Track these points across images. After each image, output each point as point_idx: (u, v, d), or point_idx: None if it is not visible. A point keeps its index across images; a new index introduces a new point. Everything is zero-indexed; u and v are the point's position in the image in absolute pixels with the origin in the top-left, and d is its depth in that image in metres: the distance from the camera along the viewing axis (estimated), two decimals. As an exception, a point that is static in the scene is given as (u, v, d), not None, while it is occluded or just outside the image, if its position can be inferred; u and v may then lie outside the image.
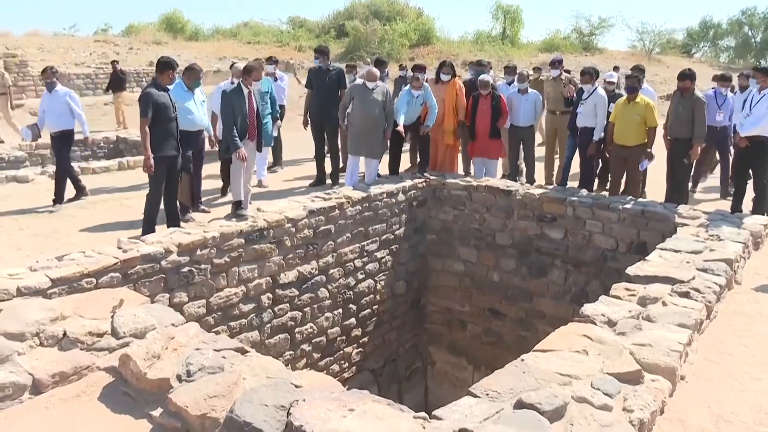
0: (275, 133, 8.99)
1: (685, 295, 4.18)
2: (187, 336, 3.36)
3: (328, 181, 9.17)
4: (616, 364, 3.10)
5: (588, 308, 3.88)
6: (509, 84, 9.89)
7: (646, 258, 5.05)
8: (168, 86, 6.41)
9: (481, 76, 8.64)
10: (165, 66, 6.27)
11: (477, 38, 30.95)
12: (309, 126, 9.48)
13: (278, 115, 9.00)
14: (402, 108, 8.08)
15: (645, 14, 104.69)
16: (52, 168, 10.42)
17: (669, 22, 63.42)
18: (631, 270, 4.73)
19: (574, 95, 8.43)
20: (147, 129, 6.16)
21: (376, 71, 8.16)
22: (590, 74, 8.13)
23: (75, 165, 10.34)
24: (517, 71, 9.83)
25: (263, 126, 7.97)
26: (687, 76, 7.27)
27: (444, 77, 8.68)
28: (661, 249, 5.28)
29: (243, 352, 3.27)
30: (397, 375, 8.54)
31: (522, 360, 3.10)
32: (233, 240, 6.06)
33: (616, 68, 13.97)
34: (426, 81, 8.64)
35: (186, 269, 5.68)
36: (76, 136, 8.45)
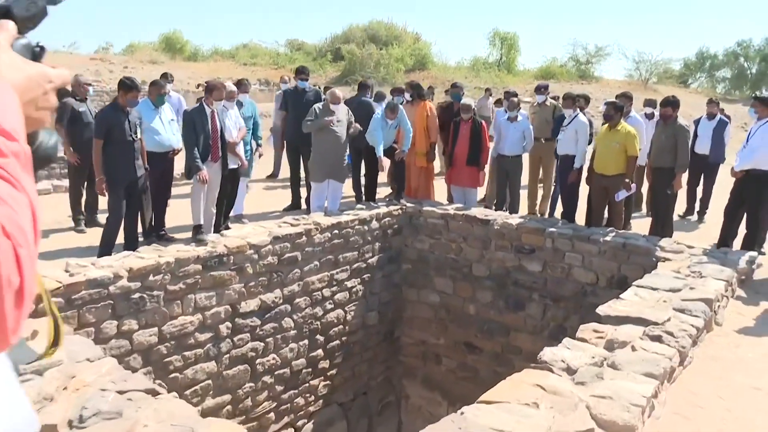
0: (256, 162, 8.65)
1: (657, 339, 3.86)
2: (97, 373, 3.03)
3: (304, 205, 8.87)
4: (568, 421, 2.77)
5: (547, 353, 3.55)
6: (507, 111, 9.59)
7: (620, 296, 4.73)
8: (129, 107, 6.13)
9: (463, 100, 8.34)
10: (120, 85, 6.04)
11: (473, 64, 30.87)
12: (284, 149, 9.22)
13: (260, 143, 8.69)
14: (378, 136, 7.79)
15: (642, 44, 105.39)
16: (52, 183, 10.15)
17: (665, 52, 63.50)
18: (601, 309, 4.41)
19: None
20: (99, 150, 5.92)
21: (340, 93, 7.93)
22: (572, 99, 7.86)
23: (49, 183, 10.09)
24: (513, 98, 9.46)
25: (245, 155, 7.70)
26: (669, 103, 7.00)
27: (407, 96, 8.50)
28: (637, 286, 4.96)
29: (154, 393, 2.93)
30: (368, 409, 8.16)
31: (462, 413, 2.76)
32: (189, 266, 5.74)
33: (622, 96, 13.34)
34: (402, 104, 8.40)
35: (137, 295, 5.36)
36: None
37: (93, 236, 7.11)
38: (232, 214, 7.84)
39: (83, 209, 7.64)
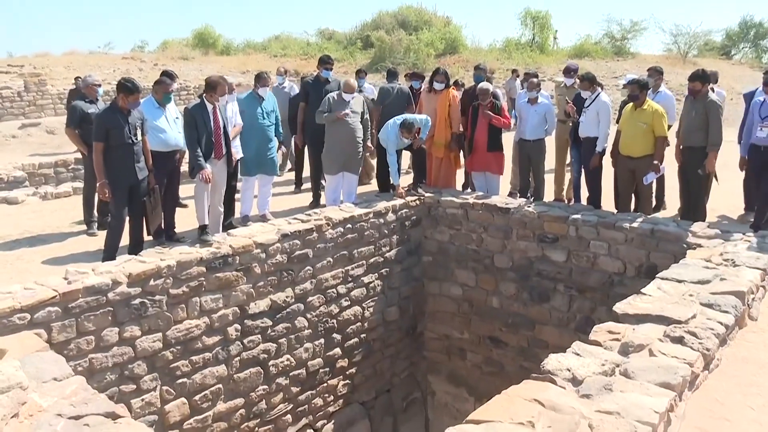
0: (280, 159, 8.27)
1: (679, 340, 3.49)
2: (60, 395, 2.83)
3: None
4: (565, 444, 2.46)
5: (552, 360, 3.22)
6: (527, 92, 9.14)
7: (642, 291, 4.35)
8: (129, 108, 5.91)
9: (480, 84, 7.93)
10: (120, 88, 5.83)
11: (506, 46, 30.12)
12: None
13: (283, 139, 8.24)
14: (393, 161, 7.60)
15: (680, 16, 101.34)
16: (47, 188, 10.17)
17: (705, 24, 60.74)
18: (619, 307, 4.05)
19: (576, 115, 7.61)
20: (100, 153, 5.76)
21: (354, 82, 7.63)
22: (590, 80, 7.40)
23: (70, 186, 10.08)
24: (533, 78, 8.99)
25: (268, 152, 7.48)
26: (698, 77, 6.47)
27: (437, 86, 8.03)
28: (662, 279, 4.57)
29: (114, 417, 2.72)
30: (392, 407, 7.92)
31: (445, 437, 2.48)
32: (192, 268, 5.57)
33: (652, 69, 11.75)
34: (419, 90, 8.04)
35: (137, 301, 5.21)
36: None
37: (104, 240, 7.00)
38: (257, 212, 7.64)
39: (96, 212, 7.54)
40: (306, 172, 9.28)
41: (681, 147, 6.77)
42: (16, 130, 15.65)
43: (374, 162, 9.02)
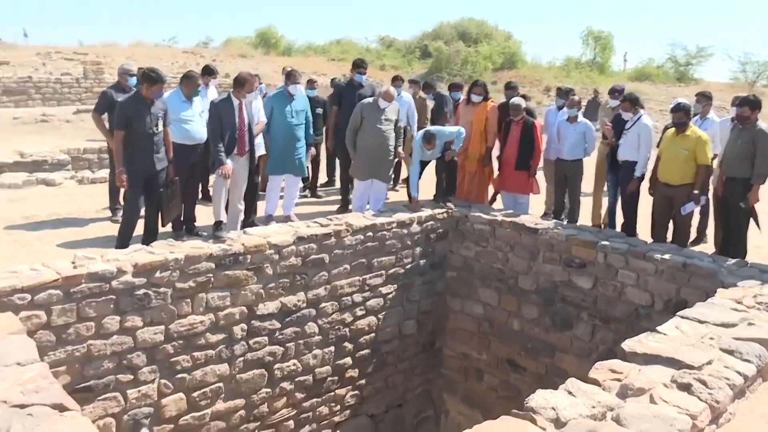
0: (308, 163, 8.18)
1: (686, 388, 3.18)
2: (15, 381, 2.73)
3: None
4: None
5: (537, 397, 2.97)
6: (560, 108, 8.80)
7: (657, 328, 4.03)
8: (152, 98, 5.88)
9: (513, 99, 7.64)
10: (145, 78, 5.81)
11: (565, 64, 29.58)
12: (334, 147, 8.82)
13: (313, 141, 8.05)
14: (414, 171, 7.44)
15: (750, 44, 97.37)
16: (85, 173, 10.33)
17: (776, 52, 58.45)
18: (627, 344, 3.75)
19: (614, 137, 7.27)
20: (120, 141, 5.74)
21: (394, 91, 7.44)
22: (631, 101, 7.03)
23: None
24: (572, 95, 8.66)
25: (296, 152, 7.39)
26: (747, 102, 6.05)
27: (475, 98, 7.78)
28: (682, 317, 4.24)
29: (62, 410, 2.60)
30: (403, 422, 7.69)
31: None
32: (201, 263, 5.48)
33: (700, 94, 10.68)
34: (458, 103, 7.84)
35: (141, 292, 5.15)
36: None
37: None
38: (282, 213, 7.54)
39: (123, 199, 7.57)
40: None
41: (723, 177, 6.35)
42: (70, 115, 16.04)
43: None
